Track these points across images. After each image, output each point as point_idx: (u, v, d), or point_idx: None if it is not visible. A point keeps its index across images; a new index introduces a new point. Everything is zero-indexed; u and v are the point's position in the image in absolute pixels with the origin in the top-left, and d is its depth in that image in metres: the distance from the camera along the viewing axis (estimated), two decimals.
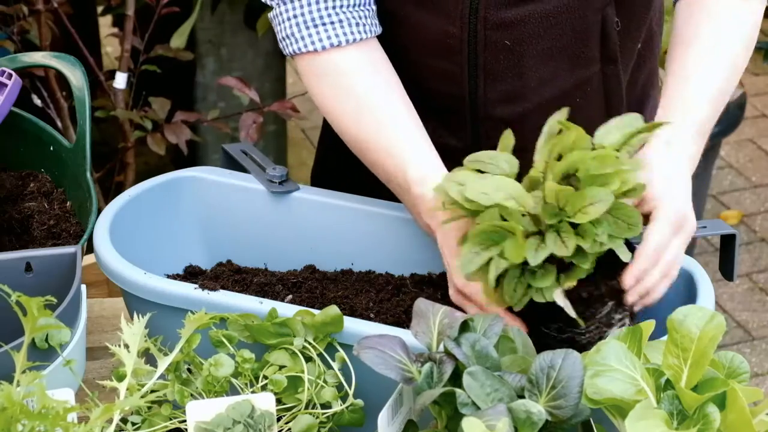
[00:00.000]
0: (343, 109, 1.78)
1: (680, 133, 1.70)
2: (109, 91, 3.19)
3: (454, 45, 1.80)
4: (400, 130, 1.75)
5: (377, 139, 1.75)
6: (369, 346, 1.39)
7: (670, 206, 1.61)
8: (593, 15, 1.80)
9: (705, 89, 1.74)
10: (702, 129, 1.73)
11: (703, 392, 1.35)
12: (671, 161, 1.67)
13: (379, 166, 1.77)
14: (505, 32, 1.78)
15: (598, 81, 1.86)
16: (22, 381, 1.39)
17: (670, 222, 1.61)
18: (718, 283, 4.00)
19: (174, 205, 1.85)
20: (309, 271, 1.82)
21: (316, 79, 1.79)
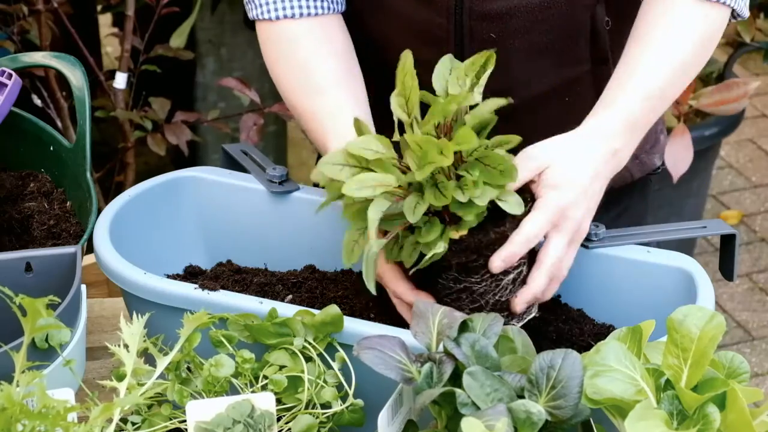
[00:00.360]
0: (283, 73, 1.83)
1: (607, 123, 1.68)
2: (109, 91, 3.20)
3: (440, 36, 1.81)
4: (329, 96, 1.77)
5: (307, 104, 1.79)
6: (369, 347, 1.40)
7: (552, 199, 1.60)
8: (582, 13, 1.80)
9: (643, 85, 1.70)
10: (635, 125, 1.69)
11: (703, 392, 1.35)
12: (587, 151, 1.65)
13: (309, 131, 1.81)
14: (491, 24, 1.79)
15: (588, 81, 1.86)
16: (21, 381, 1.39)
17: (546, 214, 1.59)
18: (718, 283, 4.00)
19: (174, 205, 1.85)
20: (309, 271, 1.82)
21: (268, 44, 1.85)
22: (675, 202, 3.96)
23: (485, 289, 1.59)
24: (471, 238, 1.56)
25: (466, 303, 1.60)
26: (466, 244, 1.56)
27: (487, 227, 1.57)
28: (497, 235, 1.57)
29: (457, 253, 1.57)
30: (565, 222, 1.61)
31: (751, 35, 3.81)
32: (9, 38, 3.19)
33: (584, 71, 1.85)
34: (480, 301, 1.60)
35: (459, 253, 1.57)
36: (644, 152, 2.01)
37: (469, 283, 1.59)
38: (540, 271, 1.61)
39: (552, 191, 1.61)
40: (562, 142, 1.66)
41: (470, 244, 1.56)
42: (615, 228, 1.75)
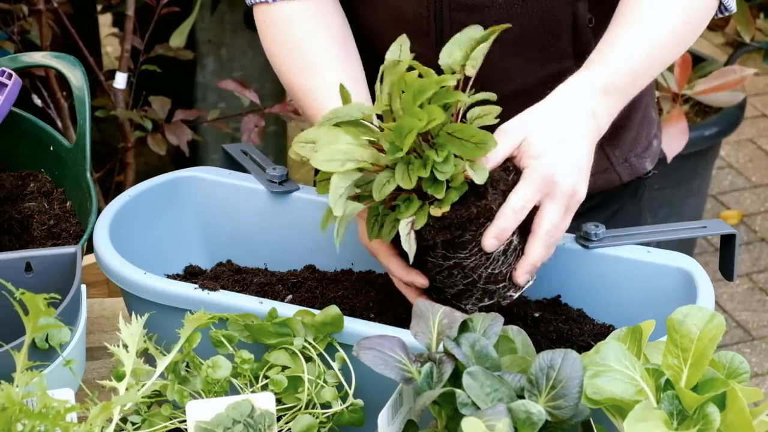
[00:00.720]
0: (279, 53, 1.84)
1: (583, 87, 1.66)
2: (109, 91, 3.20)
3: (422, 26, 1.82)
4: (326, 74, 1.78)
5: (304, 82, 1.80)
6: (369, 347, 1.40)
7: (537, 168, 1.59)
8: (563, 8, 1.80)
9: (625, 52, 1.69)
10: (612, 88, 1.67)
11: (703, 392, 1.35)
12: (564, 114, 1.64)
13: (305, 109, 1.81)
14: (470, 15, 1.79)
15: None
16: (21, 381, 1.39)
17: (533, 184, 1.58)
18: (718, 283, 4.00)
19: (174, 205, 1.85)
20: (309, 271, 1.82)
21: (265, 27, 1.86)
22: (675, 202, 3.96)
23: (476, 263, 1.58)
24: (453, 213, 1.55)
25: (458, 279, 1.59)
26: (449, 220, 1.55)
27: (469, 201, 1.56)
28: (479, 209, 1.55)
29: (441, 230, 1.55)
30: (556, 188, 1.59)
31: (751, 35, 3.81)
32: (9, 38, 3.19)
33: (567, 68, 1.84)
34: (473, 275, 1.59)
35: (443, 230, 1.55)
36: (634, 155, 2.00)
37: (458, 258, 1.58)
38: (536, 241, 1.60)
39: (534, 160, 1.59)
40: (537, 112, 1.65)
41: (453, 220, 1.55)
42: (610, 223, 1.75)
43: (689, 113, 3.91)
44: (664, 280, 1.69)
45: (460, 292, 1.61)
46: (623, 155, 1.98)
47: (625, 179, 1.99)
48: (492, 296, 1.61)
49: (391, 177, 1.52)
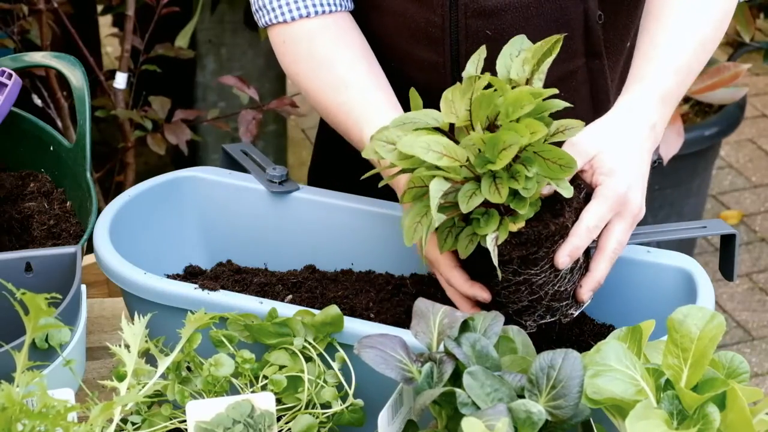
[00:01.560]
0: (304, 71, 1.82)
1: (642, 99, 1.67)
2: (109, 90, 3.20)
3: (436, 34, 1.81)
4: (356, 88, 1.77)
5: (333, 97, 1.78)
6: (369, 346, 1.39)
7: (611, 187, 1.59)
8: (574, 6, 1.80)
9: (672, 60, 1.70)
10: (666, 97, 1.69)
11: (703, 392, 1.35)
12: (630, 129, 1.64)
13: (338, 125, 1.80)
14: (486, 21, 1.79)
15: (583, 75, 1.86)
16: (22, 381, 1.39)
17: (608, 203, 1.58)
18: (718, 283, 4.00)
19: (174, 205, 1.85)
20: (309, 271, 1.83)
21: (284, 47, 1.84)
22: (675, 202, 3.96)
23: (544, 280, 1.57)
24: (530, 230, 1.54)
25: (525, 295, 1.59)
26: (526, 236, 1.54)
27: (545, 218, 1.55)
28: (557, 227, 1.55)
29: (518, 246, 1.55)
30: (626, 207, 1.60)
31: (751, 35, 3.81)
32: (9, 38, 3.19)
33: (578, 66, 1.85)
34: (539, 292, 1.58)
35: (519, 246, 1.55)
36: None
37: (528, 275, 1.57)
38: (603, 259, 1.60)
39: (608, 178, 1.59)
40: (606, 126, 1.64)
41: (530, 236, 1.55)
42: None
43: (689, 113, 3.91)
44: (664, 280, 1.69)
45: (523, 309, 1.61)
46: None
47: None
48: (554, 314, 1.62)
49: (476, 189, 1.52)
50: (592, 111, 1.89)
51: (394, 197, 1.80)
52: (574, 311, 1.63)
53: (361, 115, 1.74)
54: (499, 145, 1.50)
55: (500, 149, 1.50)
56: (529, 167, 1.52)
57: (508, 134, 1.49)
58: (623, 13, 1.86)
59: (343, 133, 1.80)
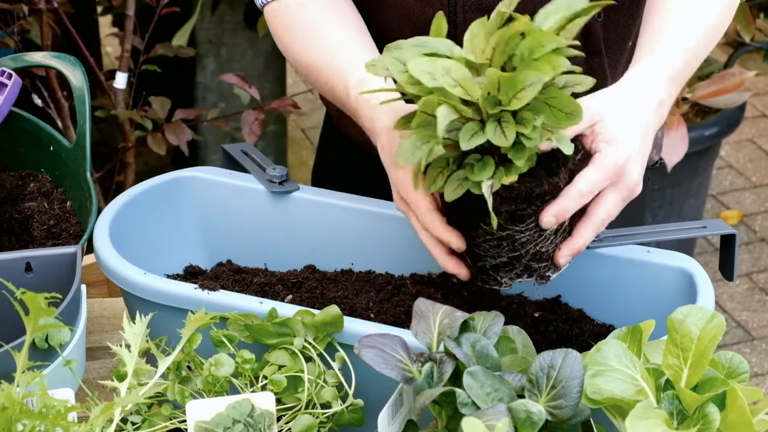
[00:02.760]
0: (296, 38, 1.81)
1: (651, 73, 1.64)
2: (109, 90, 3.20)
3: None
4: (345, 47, 1.75)
5: (321, 56, 1.77)
6: (370, 345, 1.39)
7: (610, 155, 1.55)
8: None
9: (679, 40, 1.68)
10: (675, 75, 1.67)
11: (703, 392, 1.35)
12: (637, 102, 1.61)
13: (324, 83, 1.77)
14: (484, 15, 1.79)
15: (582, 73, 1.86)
16: (22, 381, 1.39)
17: (605, 171, 1.55)
18: (718, 283, 4.00)
19: (174, 205, 1.85)
20: (309, 271, 1.83)
21: (276, 19, 1.84)
22: (675, 202, 3.96)
23: (527, 238, 1.54)
24: (522, 185, 1.51)
25: (505, 251, 1.55)
26: (517, 191, 1.51)
27: (539, 175, 1.52)
28: (550, 186, 1.52)
29: (507, 200, 1.51)
30: (623, 179, 1.57)
31: (751, 35, 3.81)
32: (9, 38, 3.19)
33: (577, 64, 1.85)
34: (520, 250, 1.54)
35: (509, 201, 1.51)
36: None
37: (512, 231, 1.53)
38: (588, 227, 1.57)
39: (608, 146, 1.56)
40: (613, 94, 1.62)
41: (521, 192, 1.51)
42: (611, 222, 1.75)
43: (689, 113, 3.91)
44: (664, 280, 1.69)
45: (501, 264, 1.56)
46: None
47: None
48: (532, 274, 1.57)
49: (479, 130, 1.46)
50: None
51: None
52: (551, 273, 1.59)
53: (347, 68, 1.72)
54: (518, 85, 1.44)
55: (519, 89, 1.44)
56: (536, 115, 1.47)
57: (528, 73, 1.43)
58: (623, 12, 1.87)
59: (328, 90, 1.77)
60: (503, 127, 1.46)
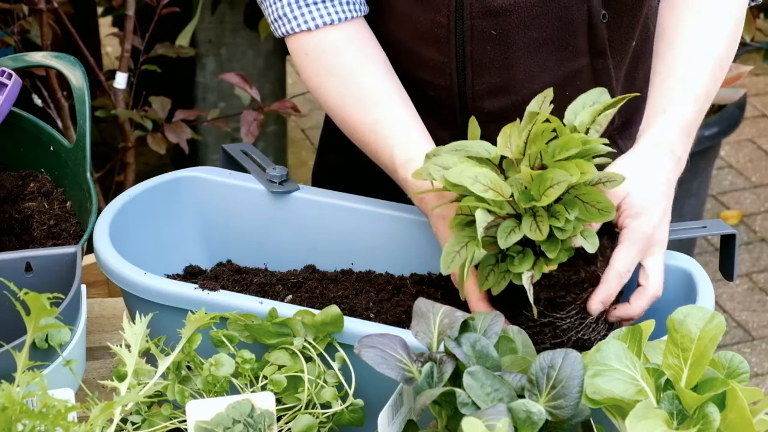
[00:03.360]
0: (330, 86, 1.79)
1: (666, 132, 1.69)
2: (109, 91, 3.20)
3: (441, 35, 1.81)
4: (386, 108, 1.76)
5: (363, 116, 1.77)
6: (370, 345, 1.39)
7: (638, 231, 1.60)
8: (578, 6, 1.80)
9: (690, 88, 1.72)
10: (688, 128, 1.71)
11: (703, 392, 1.35)
12: (656, 167, 1.66)
13: (365, 144, 1.78)
14: (491, 21, 1.79)
15: (588, 75, 1.86)
16: (22, 381, 1.39)
17: (636, 246, 1.60)
18: (718, 283, 4.00)
19: (174, 205, 1.85)
20: (309, 271, 1.82)
21: (307, 57, 1.81)
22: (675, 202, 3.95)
23: (569, 325, 1.58)
24: (561, 273, 1.56)
25: (548, 337, 1.59)
26: (556, 279, 1.56)
27: (577, 264, 1.57)
28: (587, 274, 1.57)
29: (546, 288, 1.56)
30: (655, 245, 1.62)
31: (751, 35, 3.81)
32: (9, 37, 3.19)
33: (583, 65, 1.85)
34: (562, 337, 1.59)
35: (548, 288, 1.56)
36: None
37: (554, 318, 1.58)
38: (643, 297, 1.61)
39: (635, 220, 1.61)
40: (632, 165, 1.66)
41: (560, 280, 1.56)
42: None
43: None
44: (664, 280, 1.69)
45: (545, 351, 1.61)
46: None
47: None
48: None
49: (515, 226, 1.53)
50: None
51: (394, 198, 1.81)
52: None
53: (392, 140, 1.73)
54: (546, 183, 1.52)
55: (547, 186, 1.51)
56: (570, 210, 1.54)
57: (557, 172, 1.51)
58: (627, 13, 1.86)
59: (371, 152, 1.78)
60: (538, 221, 1.53)
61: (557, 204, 1.54)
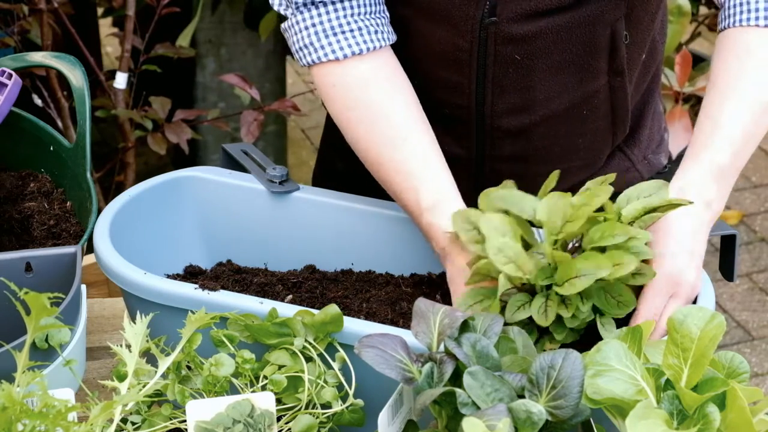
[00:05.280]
0: (358, 119, 1.76)
1: (698, 180, 1.65)
2: (109, 91, 3.20)
3: (463, 58, 1.79)
4: (413, 148, 1.72)
5: (390, 155, 1.73)
6: (370, 345, 1.39)
7: (664, 272, 1.57)
8: (603, 29, 1.79)
9: (729, 136, 1.67)
10: (723, 173, 1.67)
11: (703, 392, 1.35)
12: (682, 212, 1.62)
13: (390, 183, 1.75)
14: (516, 47, 1.77)
15: (605, 93, 1.85)
16: (22, 381, 1.39)
17: (661, 292, 1.58)
18: (718, 283, 4.00)
19: (174, 205, 1.85)
20: (309, 271, 1.83)
21: (334, 89, 1.77)
22: None
23: None
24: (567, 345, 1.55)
25: None
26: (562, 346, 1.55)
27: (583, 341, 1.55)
28: None
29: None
30: (681, 288, 1.59)
31: None
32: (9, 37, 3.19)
33: (602, 84, 1.84)
34: None
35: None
36: (651, 152, 2.01)
37: None
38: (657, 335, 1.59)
39: (660, 260, 1.58)
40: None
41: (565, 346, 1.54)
42: None
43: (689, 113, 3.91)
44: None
45: None
46: (642, 153, 1.99)
47: (645, 177, 1.99)
48: None
49: (526, 302, 1.53)
50: (611, 125, 1.89)
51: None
52: None
53: (419, 183, 1.70)
54: (574, 272, 1.50)
55: (572, 275, 1.50)
56: (586, 300, 1.52)
57: (587, 264, 1.49)
58: (642, 30, 1.86)
59: (395, 192, 1.75)
60: (548, 305, 1.52)
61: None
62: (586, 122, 1.85)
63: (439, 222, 1.66)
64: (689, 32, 3.79)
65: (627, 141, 1.95)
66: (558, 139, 1.85)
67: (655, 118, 2.02)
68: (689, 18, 3.36)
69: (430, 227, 1.68)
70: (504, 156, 1.87)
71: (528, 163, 1.87)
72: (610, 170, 1.91)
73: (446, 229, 1.64)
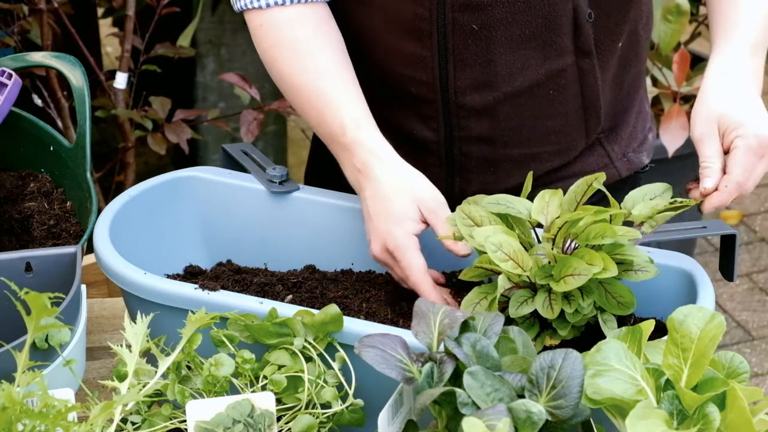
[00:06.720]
0: (282, 57, 1.82)
1: (733, 56, 1.73)
2: (109, 91, 3.20)
3: (423, 28, 1.81)
4: (336, 79, 1.78)
5: (315, 84, 1.79)
6: (370, 345, 1.39)
7: (750, 134, 1.64)
8: (564, 3, 1.81)
9: (753, 12, 1.76)
10: (755, 48, 1.75)
11: (703, 392, 1.35)
12: (735, 87, 1.70)
13: (311, 109, 1.81)
14: (473, 15, 1.79)
15: (573, 74, 1.86)
16: (22, 381, 1.39)
17: (752, 150, 1.63)
18: (718, 283, 4.00)
19: (174, 205, 1.85)
20: (309, 271, 1.83)
21: (262, 31, 1.83)
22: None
23: None
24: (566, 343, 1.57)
25: None
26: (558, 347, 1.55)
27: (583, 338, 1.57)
28: None
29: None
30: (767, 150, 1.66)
31: None
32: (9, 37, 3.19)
33: (568, 64, 1.85)
34: None
35: None
36: (632, 150, 2.01)
37: None
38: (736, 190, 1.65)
39: (743, 129, 1.64)
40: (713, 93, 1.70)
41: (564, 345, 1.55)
42: None
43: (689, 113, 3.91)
44: (664, 280, 1.69)
45: None
46: (621, 150, 1.99)
47: (623, 174, 2.00)
48: None
49: (528, 298, 1.55)
50: (582, 110, 1.89)
51: None
52: None
53: (339, 104, 1.77)
54: (568, 269, 1.52)
55: (567, 273, 1.52)
56: (586, 296, 1.54)
57: (580, 262, 1.52)
58: (614, 14, 1.87)
59: (315, 116, 1.81)
60: (552, 299, 1.54)
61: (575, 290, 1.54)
62: (553, 103, 1.86)
63: (361, 138, 1.73)
64: (688, 32, 3.79)
65: (608, 136, 1.96)
66: (525, 120, 1.86)
67: (640, 117, 2.03)
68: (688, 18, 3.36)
69: (353, 143, 1.74)
70: (472, 137, 1.88)
71: (496, 145, 1.88)
72: (586, 164, 1.94)
73: (369, 145, 1.72)
